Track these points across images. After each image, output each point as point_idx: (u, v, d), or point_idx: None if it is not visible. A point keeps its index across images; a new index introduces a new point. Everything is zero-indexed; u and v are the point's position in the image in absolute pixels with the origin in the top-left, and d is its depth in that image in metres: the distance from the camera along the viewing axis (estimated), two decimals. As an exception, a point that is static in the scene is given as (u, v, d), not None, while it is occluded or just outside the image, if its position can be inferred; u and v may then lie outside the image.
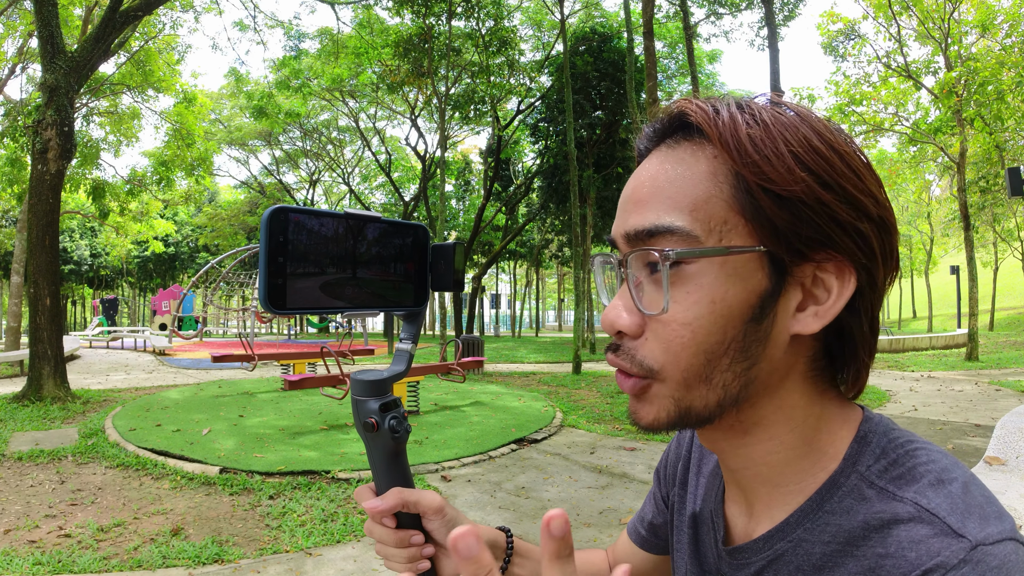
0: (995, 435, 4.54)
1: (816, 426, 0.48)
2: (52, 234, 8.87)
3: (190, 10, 15.77)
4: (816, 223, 0.42)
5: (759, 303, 0.43)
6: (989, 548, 0.38)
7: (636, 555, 0.75)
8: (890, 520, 0.41)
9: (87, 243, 40.06)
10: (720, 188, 0.43)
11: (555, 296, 61.46)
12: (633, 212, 0.46)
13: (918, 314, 46.83)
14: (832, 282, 0.44)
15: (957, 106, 14.65)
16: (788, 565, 0.47)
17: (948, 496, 0.41)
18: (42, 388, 8.64)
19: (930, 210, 33.81)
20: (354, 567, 3.52)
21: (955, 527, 0.39)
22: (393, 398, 0.57)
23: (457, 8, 16.27)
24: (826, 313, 0.44)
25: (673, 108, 0.48)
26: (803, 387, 0.47)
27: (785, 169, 0.42)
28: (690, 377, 0.44)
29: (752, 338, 0.44)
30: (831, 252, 0.43)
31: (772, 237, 0.43)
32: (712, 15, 17.41)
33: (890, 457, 0.45)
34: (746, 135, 0.43)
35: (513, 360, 17.86)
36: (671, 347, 0.44)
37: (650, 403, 0.46)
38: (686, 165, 0.45)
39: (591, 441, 6.83)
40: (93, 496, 4.67)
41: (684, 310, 0.43)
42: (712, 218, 0.43)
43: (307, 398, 9.35)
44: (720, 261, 0.43)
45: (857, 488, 0.44)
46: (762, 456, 0.48)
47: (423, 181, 25.62)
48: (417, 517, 0.58)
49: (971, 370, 13.21)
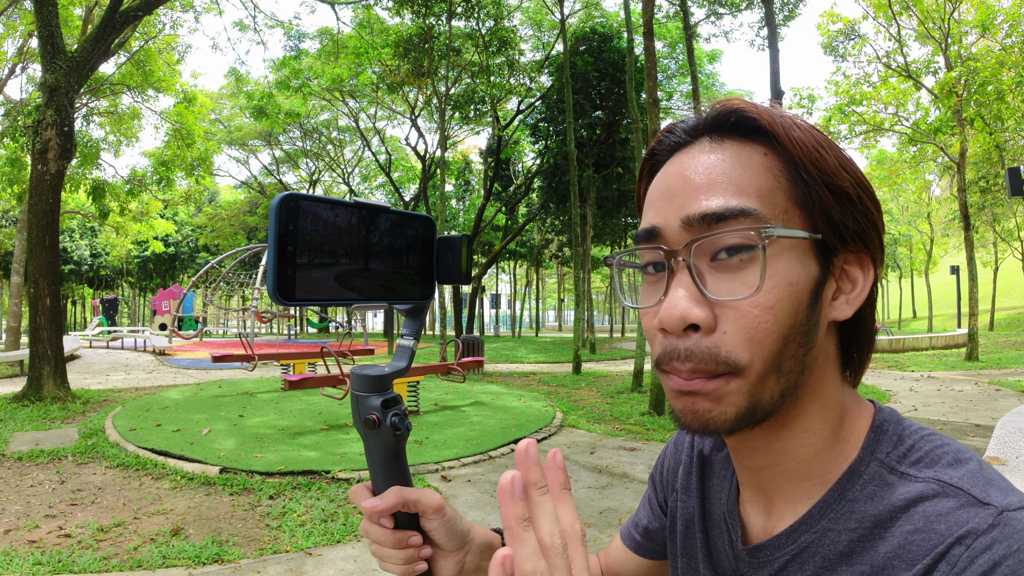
0: (995, 435, 4.54)
1: (842, 415, 0.49)
2: (52, 234, 8.87)
3: (190, 10, 15.78)
4: (856, 216, 0.46)
5: (814, 289, 0.45)
6: (1014, 514, 0.39)
7: (630, 560, 0.74)
8: (915, 498, 0.43)
9: (87, 243, 40.06)
10: (779, 180, 0.45)
11: (555, 296, 61.47)
12: (693, 198, 0.45)
13: (918, 314, 46.81)
14: (857, 273, 0.47)
15: (957, 106, 14.65)
16: (814, 556, 0.47)
17: (968, 472, 0.43)
18: (42, 388, 8.64)
19: (930, 210, 33.78)
20: (354, 567, 3.52)
21: (980, 497, 0.41)
22: (394, 395, 0.56)
23: (457, 8, 16.27)
24: (855, 300, 0.47)
25: (729, 107, 0.47)
26: (834, 375, 0.49)
27: (836, 166, 0.45)
28: (769, 367, 0.44)
29: (812, 322, 0.45)
30: (861, 244, 0.46)
31: (826, 226, 0.45)
32: (712, 15, 17.38)
33: (907, 444, 0.46)
34: (798, 135, 0.45)
35: (513, 360, 17.86)
36: (756, 335, 0.43)
37: (723, 401, 0.44)
38: (742, 158, 0.46)
39: (591, 441, 6.83)
40: (93, 496, 4.67)
41: (766, 293, 0.43)
42: (776, 206, 0.44)
43: (307, 398, 9.35)
44: (791, 245, 0.44)
45: (879, 475, 0.45)
46: (795, 449, 0.48)
47: (423, 181, 25.63)
48: (415, 517, 0.57)
49: (971, 370, 13.21)
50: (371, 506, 0.54)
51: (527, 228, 30.67)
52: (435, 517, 0.56)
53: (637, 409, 8.56)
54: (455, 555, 0.58)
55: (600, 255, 35.90)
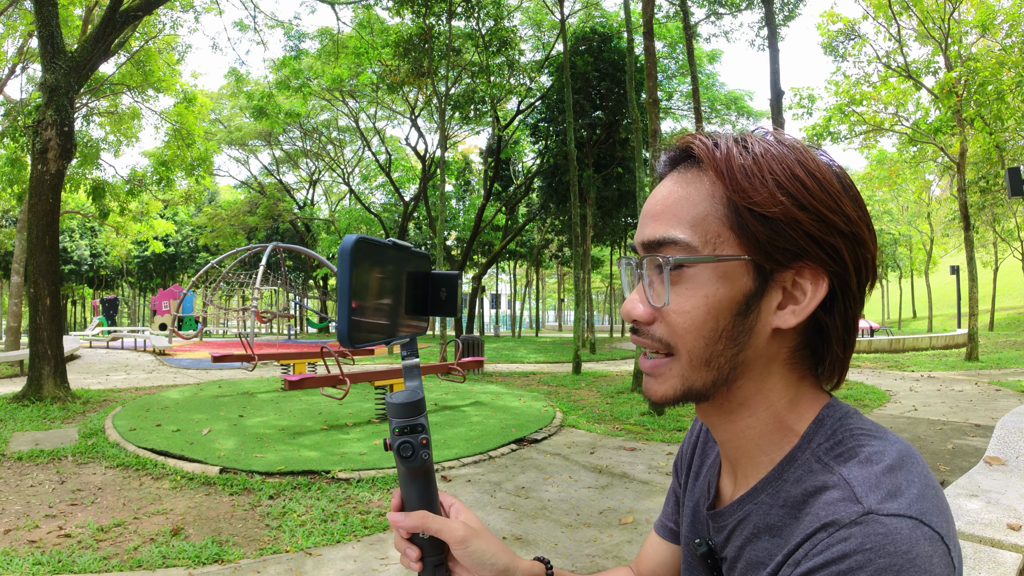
0: (995, 435, 4.54)
1: (788, 407, 0.56)
2: (52, 234, 8.87)
3: (190, 10, 15.77)
4: (792, 237, 0.51)
5: (744, 300, 0.53)
6: (882, 518, 0.44)
7: (668, 551, 0.79)
8: (820, 487, 0.50)
9: (87, 243, 40.05)
10: (716, 208, 0.53)
11: (555, 296, 61.46)
12: (648, 225, 0.56)
13: (918, 314, 46.81)
14: (807, 286, 0.53)
15: (957, 106, 14.64)
16: (749, 524, 0.56)
17: (867, 472, 0.48)
18: (42, 388, 8.64)
19: (930, 210, 33.79)
20: (354, 567, 3.52)
21: (858, 495, 0.46)
22: (415, 423, 0.60)
23: (457, 8, 16.27)
24: (801, 312, 0.53)
25: (681, 142, 0.57)
26: (782, 373, 0.56)
27: (768, 193, 0.51)
28: (694, 359, 0.54)
29: (739, 328, 0.53)
30: (806, 261, 0.52)
31: (755, 248, 0.52)
32: (712, 15, 17.38)
33: (837, 438, 0.53)
34: (738, 166, 0.52)
35: (513, 360, 17.85)
36: (676, 331, 0.54)
37: (663, 380, 0.56)
38: (691, 188, 0.55)
39: (591, 441, 6.83)
40: (93, 496, 4.67)
41: (683, 302, 0.53)
42: (708, 232, 0.53)
43: (307, 398, 9.35)
44: (712, 266, 0.53)
45: (807, 462, 0.53)
46: (743, 431, 0.57)
47: (423, 181, 25.64)
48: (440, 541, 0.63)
49: (971, 370, 13.20)
50: (394, 521, 0.63)
51: (527, 228, 30.67)
52: (456, 548, 0.62)
53: (637, 409, 8.56)
54: None
55: (600, 255, 35.92)
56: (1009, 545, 2.49)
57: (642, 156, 10.96)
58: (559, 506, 4.61)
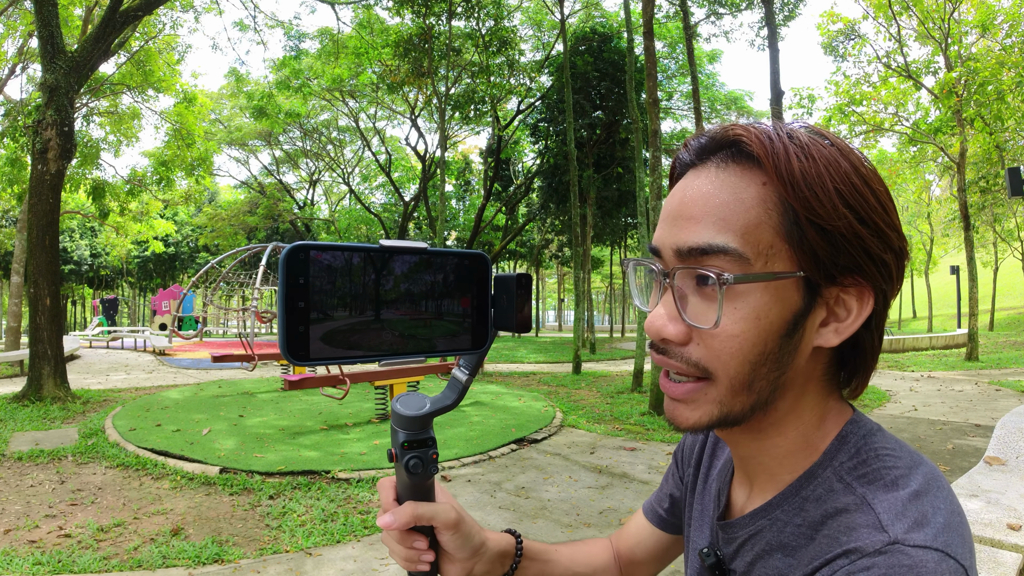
0: (995, 435, 4.54)
1: (816, 424, 0.52)
2: (52, 234, 8.86)
3: (190, 10, 15.77)
4: (851, 254, 0.46)
5: (793, 320, 0.47)
6: (908, 549, 0.41)
7: (651, 535, 0.78)
8: (841, 509, 0.47)
9: (87, 243, 40.04)
10: (769, 215, 0.46)
11: (555, 296, 61.45)
12: (684, 227, 0.48)
13: (918, 314, 46.78)
14: (852, 303, 0.48)
15: (957, 106, 14.64)
16: (762, 540, 0.52)
17: (893, 498, 0.45)
18: (42, 388, 8.64)
19: (930, 210, 33.76)
20: (354, 567, 3.52)
21: (884, 522, 0.43)
22: (425, 436, 0.55)
23: (457, 8, 16.26)
24: (845, 330, 0.48)
25: (729, 133, 0.49)
26: (816, 391, 0.52)
27: (831, 205, 0.45)
28: (736, 384, 0.48)
29: (785, 350, 0.48)
30: (858, 278, 0.47)
31: (812, 264, 0.46)
32: (712, 15, 17.37)
33: (861, 457, 0.49)
34: (798, 169, 0.45)
35: (513, 360, 17.85)
36: (721, 356, 0.47)
37: (695, 407, 0.50)
38: (738, 189, 0.47)
39: (591, 441, 6.83)
40: (93, 496, 4.67)
41: (732, 323, 0.47)
42: (760, 242, 0.46)
43: (307, 398, 9.35)
44: (765, 284, 0.46)
45: (828, 480, 0.49)
46: (769, 449, 0.53)
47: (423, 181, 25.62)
48: (429, 527, 0.59)
49: (971, 370, 13.20)
50: (385, 524, 0.57)
51: (527, 228, 30.65)
52: (448, 532, 0.59)
53: (637, 409, 8.55)
54: (465, 563, 0.61)
55: (600, 255, 35.91)
56: (1009, 545, 2.49)
57: (642, 156, 10.96)
58: (559, 506, 4.61)
